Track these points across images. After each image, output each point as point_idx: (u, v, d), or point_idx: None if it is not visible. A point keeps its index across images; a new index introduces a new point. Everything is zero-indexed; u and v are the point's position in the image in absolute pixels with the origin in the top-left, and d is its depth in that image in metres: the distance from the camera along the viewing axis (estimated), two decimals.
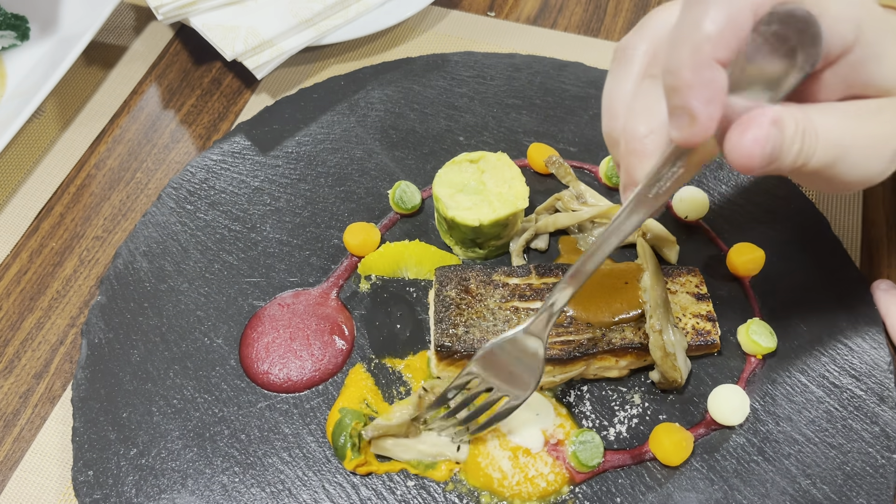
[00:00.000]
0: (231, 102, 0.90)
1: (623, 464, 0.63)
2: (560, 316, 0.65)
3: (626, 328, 0.65)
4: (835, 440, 0.63)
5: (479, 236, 0.71)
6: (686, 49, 0.44)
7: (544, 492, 0.62)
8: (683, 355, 0.64)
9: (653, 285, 0.64)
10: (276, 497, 0.62)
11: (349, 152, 0.81)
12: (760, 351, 0.67)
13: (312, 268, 0.74)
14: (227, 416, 0.66)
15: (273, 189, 0.79)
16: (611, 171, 0.77)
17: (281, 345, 0.69)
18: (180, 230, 0.76)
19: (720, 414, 0.64)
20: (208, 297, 0.72)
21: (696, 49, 0.44)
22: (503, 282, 0.67)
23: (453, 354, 0.64)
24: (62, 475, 0.66)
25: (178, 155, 0.86)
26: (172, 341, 0.70)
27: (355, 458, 0.62)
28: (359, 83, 0.86)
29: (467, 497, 0.62)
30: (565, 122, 0.83)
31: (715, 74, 0.44)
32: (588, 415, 0.66)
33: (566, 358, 0.63)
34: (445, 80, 0.86)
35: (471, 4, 0.98)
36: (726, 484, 0.62)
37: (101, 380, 0.67)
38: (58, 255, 0.78)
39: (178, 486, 0.63)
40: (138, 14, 0.98)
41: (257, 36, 0.85)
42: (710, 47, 0.44)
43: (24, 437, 0.68)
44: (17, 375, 0.71)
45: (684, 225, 0.76)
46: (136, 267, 0.74)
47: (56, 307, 0.75)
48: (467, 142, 0.82)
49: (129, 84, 0.92)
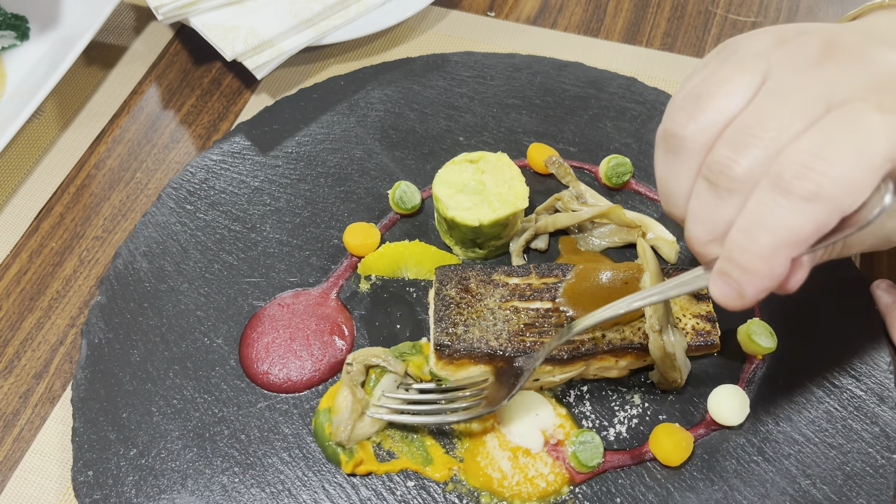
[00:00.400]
0: (231, 102, 0.90)
1: (623, 464, 0.63)
2: (560, 316, 0.65)
3: (626, 328, 0.65)
4: (835, 440, 0.63)
5: (479, 236, 0.71)
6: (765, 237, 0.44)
7: (544, 492, 0.62)
8: (683, 355, 0.64)
9: (653, 285, 0.64)
10: (276, 497, 0.62)
11: (349, 152, 0.81)
12: (760, 351, 0.67)
13: (312, 268, 0.74)
14: (226, 416, 0.66)
15: (273, 189, 0.79)
16: (611, 171, 0.77)
17: (281, 345, 0.69)
18: (180, 230, 0.76)
19: (720, 414, 0.64)
20: (208, 297, 0.72)
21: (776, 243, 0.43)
22: (503, 281, 0.67)
23: (453, 354, 0.64)
24: (62, 475, 0.66)
25: (178, 155, 0.86)
26: (172, 341, 0.70)
27: (351, 459, 0.62)
28: (359, 83, 0.86)
29: (467, 497, 0.62)
30: (565, 122, 0.83)
31: (783, 268, 0.44)
32: (588, 415, 0.66)
33: (566, 358, 0.63)
34: (445, 80, 0.86)
35: (471, 4, 0.98)
36: (726, 484, 0.62)
37: (101, 380, 0.67)
38: (58, 255, 0.78)
39: (177, 486, 0.63)
40: (138, 14, 0.98)
41: (257, 36, 0.85)
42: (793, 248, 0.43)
43: (23, 438, 0.68)
44: (17, 375, 0.71)
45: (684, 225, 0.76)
46: (136, 267, 0.74)
47: (56, 307, 0.75)
48: (467, 142, 0.82)
49: (129, 84, 0.92)
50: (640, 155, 0.80)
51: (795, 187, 0.43)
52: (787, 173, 0.43)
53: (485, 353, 0.63)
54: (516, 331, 0.64)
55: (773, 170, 0.44)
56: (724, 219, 0.47)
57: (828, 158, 0.42)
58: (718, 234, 0.48)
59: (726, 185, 0.46)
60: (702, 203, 0.48)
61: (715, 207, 0.47)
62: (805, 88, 0.46)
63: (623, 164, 0.77)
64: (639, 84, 0.85)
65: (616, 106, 0.84)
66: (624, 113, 0.83)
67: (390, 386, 0.65)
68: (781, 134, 0.45)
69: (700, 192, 0.48)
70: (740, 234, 0.45)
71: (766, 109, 0.46)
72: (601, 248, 0.74)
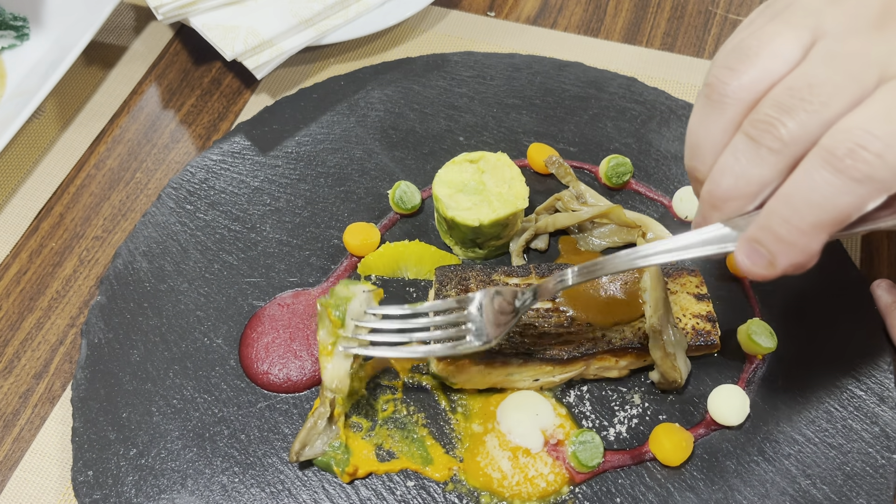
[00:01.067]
0: (231, 102, 0.90)
1: (623, 464, 0.63)
2: (560, 316, 0.65)
3: (626, 328, 0.65)
4: (835, 440, 0.63)
5: (479, 236, 0.71)
6: (807, 212, 0.43)
7: (544, 492, 0.62)
8: (683, 355, 0.64)
9: (653, 285, 0.64)
10: (276, 497, 0.62)
11: (349, 152, 0.81)
12: (760, 351, 0.67)
13: (312, 268, 0.74)
14: (226, 416, 0.66)
15: (273, 189, 0.79)
16: (611, 171, 0.77)
17: (281, 345, 0.69)
18: (180, 230, 0.76)
19: (720, 414, 0.64)
20: (208, 297, 0.72)
21: (818, 220, 0.42)
22: (503, 282, 0.67)
23: None
24: (62, 475, 0.66)
25: (178, 155, 0.86)
26: (172, 341, 0.70)
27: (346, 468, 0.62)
28: (359, 83, 0.86)
29: (467, 497, 0.62)
30: (565, 122, 0.83)
31: (819, 245, 0.43)
32: (588, 415, 0.66)
33: (566, 358, 0.63)
34: (445, 80, 0.86)
35: (471, 4, 0.98)
36: (726, 484, 0.62)
37: (101, 380, 0.67)
38: (57, 255, 0.78)
39: (177, 486, 0.62)
40: (138, 14, 0.98)
41: (257, 36, 0.85)
42: (833, 227, 0.43)
43: (23, 438, 0.68)
44: (17, 375, 0.71)
45: (684, 225, 0.76)
46: (136, 267, 0.74)
47: (56, 307, 0.75)
48: (467, 142, 0.82)
49: (129, 84, 0.92)
50: (640, 155, 0.80)
51: (847, 167, 0.42)
52: (840, 150, 0.42)
53: (485, 353, 0.63)
54: (516, 331, 0.64)
55: (823, 142, 0.43)
56: (758, 177, 0.46)
57: (883, 139, 0.41)
58: (745, 193, 0.46)
59: (769, 143, 0.45)
60: (737, 158, 0.46)
61: (751, 164, 0.46)
62: (859, 54, 0.44)
63: (623, 164, 0.77)
64: (639, 84, 0.85)
65: (616, 106, 0.84)
66: (624, 113, 0.83)
67: (359, 312, 0.62)
68: (832, 101, 0.43)
69: (737, 147, 0.47)
70: (782, 204, 0.44)
71: (817, 73, 0.44)
72: (601, 248, 0.74)
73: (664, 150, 0.80)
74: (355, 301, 0.62)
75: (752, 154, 0.46)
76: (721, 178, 0.47)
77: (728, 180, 0.47)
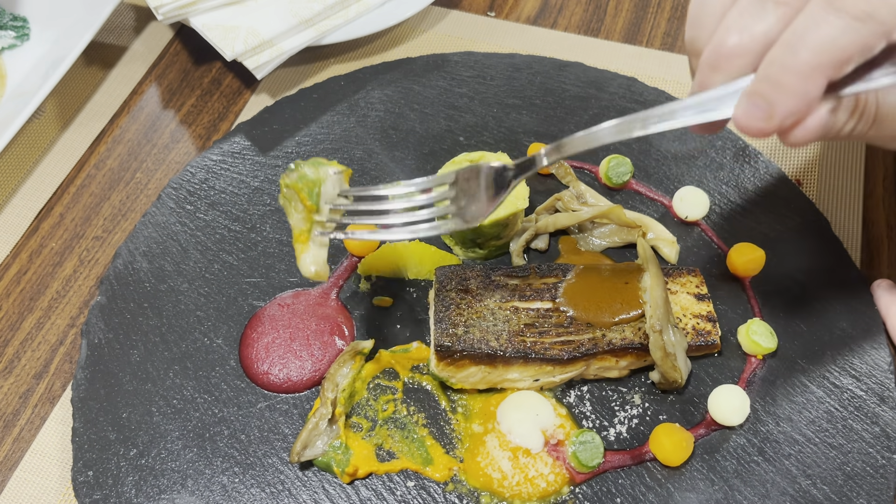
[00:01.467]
0: (231, 102, 0.90)
1: (623, 464, 0.63)
2: (560, 316, 0.65)
3: (626, 328, 0.65)
4: (835, 440, 0.63)
5: (479, 236, 0.71)
6: (807, 53, 0.43)
7: (544, 492, 0.62)
8: (683, 355, 0.64)
9: (653, 285, 0.64)
10: (276, 497, 0.62)
11: (349, 152, 0.81)
12: (760, 351, 0.67)
13: None
14: (226, 416, 0.66)
15: (273, 189, 0.79)
16: (611, 171, 0.77)
17: (281, 345, 0.69)
18: (180, 230, 0.76)
19: (720, 414, 0.64)
20: (208, 298, 0.72)
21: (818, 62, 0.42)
22: (503, 282, 0.67)
23: (453, 354, 0.64)
24: (62, 475, 0.66)
25: (178, 155, 0.86)
26: (172, 341, 0.70)
27: (346, 469, 0.62)
28: (359, 83, 0.86)
29: (467, 497, 0.62)
30: (565, 122, 0.83)
31: (819, 91, 0.43)
32: (588, 415, 0.66)
33: (566, 358, 0.63)
34: (445, 80, 0.86)
35: (471, 4, 0.98)
36: (726, 484, 0.62)
37: (101, 380, 0.67)
38: (58, 255, 0.78)
39: (177, 486, 0.62)
40: (138, 14, 0.98)
41: (257, 36, 0.85)
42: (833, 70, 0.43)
43: (23, 438, 0.68)
44: (17, 375, 0.71)
45: (684, 225, 0.76)
46: (136, 267, 0.74)
47: (56, 307, 0.75)
48: (467, 142, 0.82)
49: (129, 84, 0.92)
50: (640, 155, 0.80)
51: (848, 5, 0.42)
52: None
53: (485, 353, 0.63)
54: (516, 331, 0.64)
55: None
56: (763, 30, 0.46)
57: None
58: (750, 49, 0.47)
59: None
60: (741, 13, 0.47)
61: (756, 18, 0.46)
62: None
63: (623, 164, 0.77)
64: (639, 84, 0.85)
65: (616, 106, 0.84)
66: (624, 113, 0.83)
67: (331, 195, 0.58)
68: None
69: (742, 5, 0.47)
70: (782, 49, 0.44)
71: None
72: (601, 248, 0.74)
73: (664, 150, 0.80)
74: (328, 183, 0.58)
75: (757, 7, 0.46)
76: (727, 36, 0.47)
77: (733, 37, 0.47)
